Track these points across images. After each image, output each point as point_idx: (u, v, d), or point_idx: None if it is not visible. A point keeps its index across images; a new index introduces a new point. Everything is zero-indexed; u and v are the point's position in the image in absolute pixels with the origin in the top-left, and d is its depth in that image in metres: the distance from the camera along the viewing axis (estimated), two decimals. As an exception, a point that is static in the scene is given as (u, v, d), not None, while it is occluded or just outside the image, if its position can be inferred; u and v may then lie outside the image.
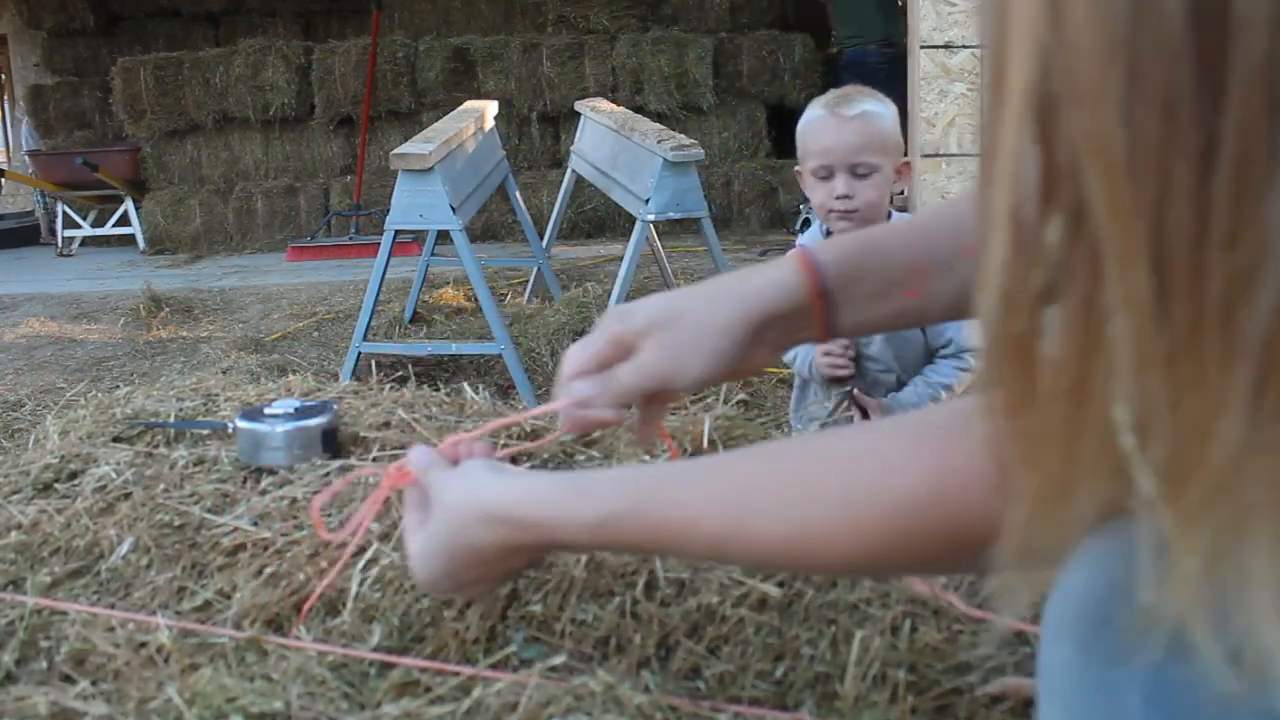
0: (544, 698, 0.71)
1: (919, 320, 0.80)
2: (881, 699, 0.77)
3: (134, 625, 0.87)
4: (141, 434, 1.31)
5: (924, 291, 0.74)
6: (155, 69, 7.85)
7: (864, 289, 0.75)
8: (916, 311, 0.77)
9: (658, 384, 0.76)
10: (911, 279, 0.74)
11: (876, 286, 0.75)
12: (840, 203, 1.90)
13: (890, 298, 0.75)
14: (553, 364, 3.48)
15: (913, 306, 0.75)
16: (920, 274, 0.74)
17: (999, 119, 0.37)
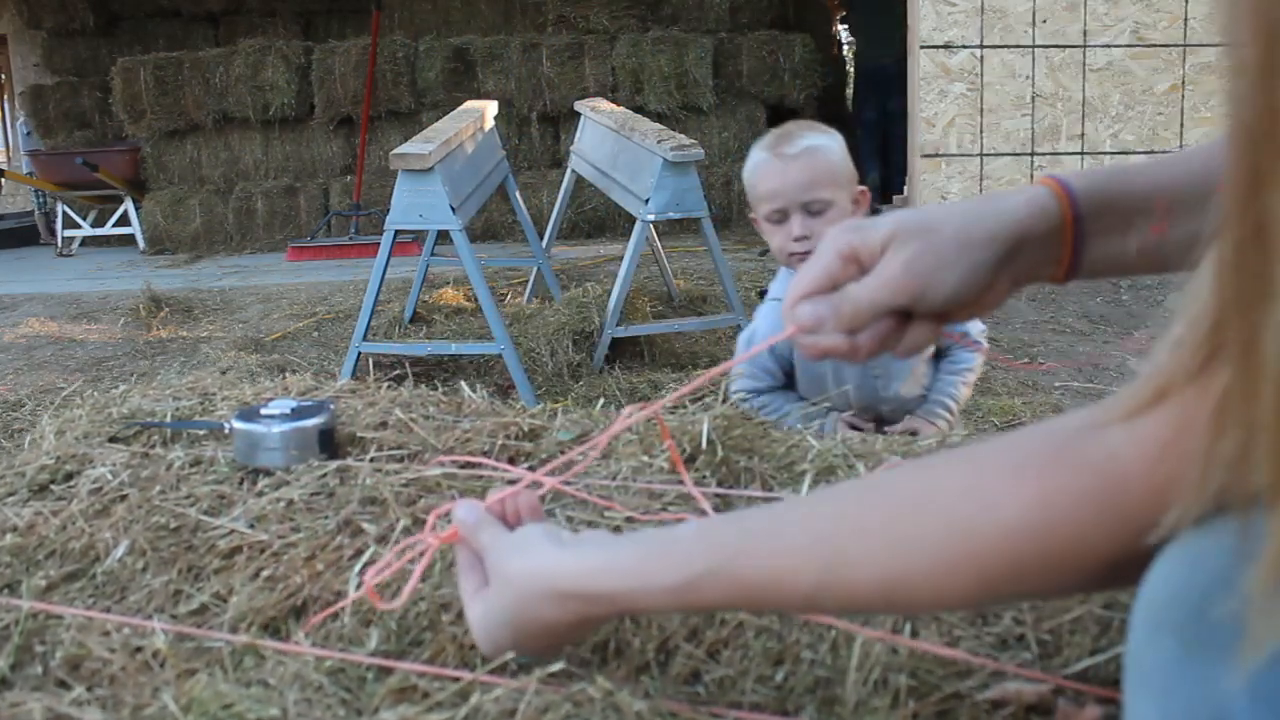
0: (542, 704, 0.70)
1: (1160, 264, 0.73)
2: (882, 704, 0.76)
3: (130, 629, 0.87)
4: (138, 434, 1.30)
5: (1171, 226, 0.70)
6: (155, 69, 7.85)
7: (1111, 219, 0.72)
8: (1158, 252, 0.72)
9: (904, 298, 0.69)
10: (1159, 211, 0.70)
11: (1124, 216, 0.71)
12: (799, 244, 1.83)
13: (1136, 230, 0.72)
14: (553, 364, 3.48)
15: (1156, 244, 0.71)
16: (1168, 207, 0.70)
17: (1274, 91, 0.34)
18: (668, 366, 3.57)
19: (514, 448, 1.20)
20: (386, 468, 1.14)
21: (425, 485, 1.10)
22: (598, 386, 3.29)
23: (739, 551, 0.64)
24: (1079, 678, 0.79)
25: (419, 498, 1.08)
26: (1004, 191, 0.74)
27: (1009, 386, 3.26)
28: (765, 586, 0.63)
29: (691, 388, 0.80)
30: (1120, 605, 0.83)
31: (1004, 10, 4.99)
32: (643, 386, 3.25)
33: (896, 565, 0.59)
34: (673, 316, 4.06)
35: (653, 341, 3.72)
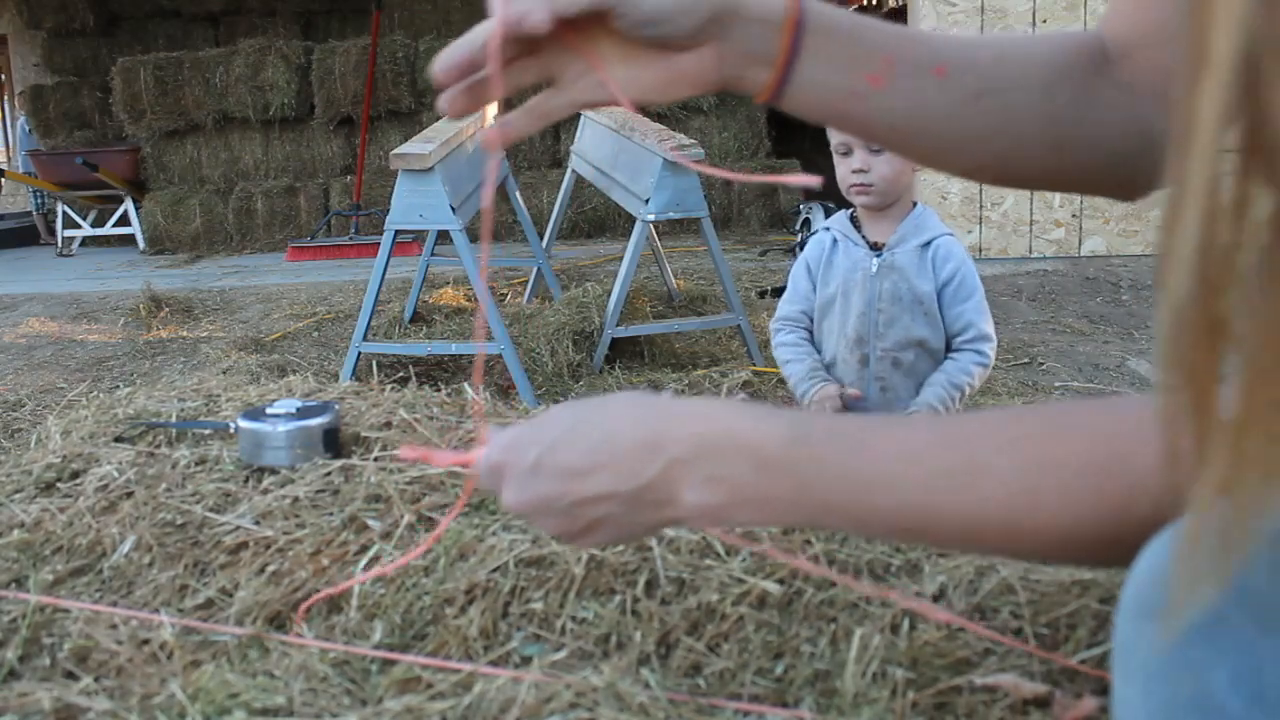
0: (545, 694, 0.71)
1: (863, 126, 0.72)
2: (881, 696, 0.77)
3: (137, 622, 0.88)
4: (143, 434, 1.31)
5: (888, 84, 0.69)
6: (155, 69, 7.86)
7: (833, 47, 0.70)
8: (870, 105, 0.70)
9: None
10: (881, 63, 0.69)
11: (847, 51, 0.70)
12: (857, 176, 1.98)
13: (851, 72, 0.70)
14: (553, 364, 3.49)
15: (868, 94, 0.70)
16: (890, 63, 0.69)
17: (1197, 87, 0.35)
18: (668, 366, 3.58)
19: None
20: (391, 466, 1.15)
21: (429, 484, 1.11)
22: (598, 386, 3.30)
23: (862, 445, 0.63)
24: (1076, 670, 0.80)
25: (423, 495, 1.09)
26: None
27: (1009, 387, 3.27)
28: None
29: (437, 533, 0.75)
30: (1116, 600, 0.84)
31: (1004, 10, 5.00)
32: (643, 386, 3.26)
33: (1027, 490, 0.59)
34: (673, 316, 4.07)
35: (653, 341, 3.73)
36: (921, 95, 0.70)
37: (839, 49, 0.70)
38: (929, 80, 0.70)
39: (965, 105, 0.70)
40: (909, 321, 2.03)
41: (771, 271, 5.48)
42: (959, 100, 0.70)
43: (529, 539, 0.94)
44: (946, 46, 0.72)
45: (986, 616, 0.89)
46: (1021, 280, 4.69)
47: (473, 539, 0.95)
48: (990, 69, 0.71)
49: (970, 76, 0.70)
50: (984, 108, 0.70)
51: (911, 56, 0.70)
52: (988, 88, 0.70)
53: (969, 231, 5.03)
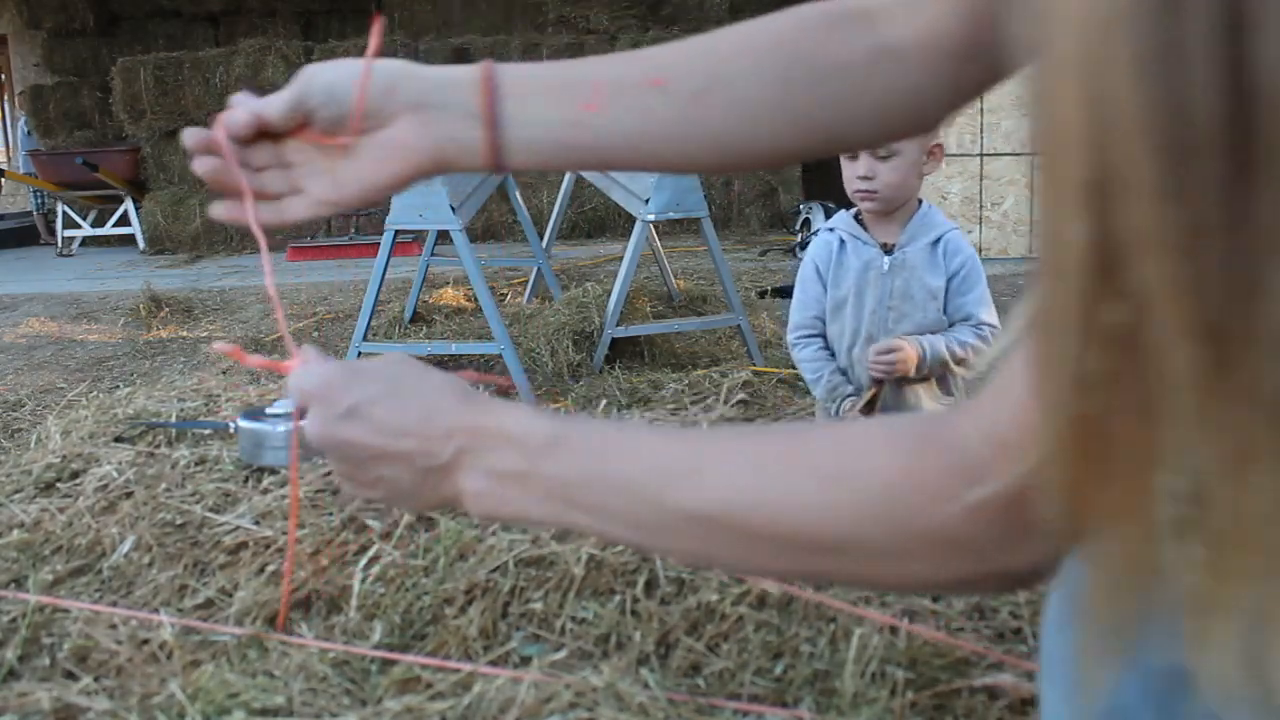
0: (544, 694, 0.71)
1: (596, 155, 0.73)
2: (880, 696, 0.77)
3: (136, 622, 0.88)
4: (143, 434, 1.31)
5: (604, 107, 0.70)
6: (155, 69, 7.86)
7: (537, 87, 0.71)
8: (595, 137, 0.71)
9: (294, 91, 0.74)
10: (589, 90, 0.70)
11: (552, 88, 0.71)
12: (862, 183, 2.00)
13: (562, 107, 0.70)
14: (553, 364, 3.49)
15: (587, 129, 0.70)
16: (599, 87, 0.70)
17: (1056, 209, 0.37)
18: (668, 366, 3.58)
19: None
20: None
21: (428, 482, 1.11)
22: (598, 386, 3.30)
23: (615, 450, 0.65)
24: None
25: (422, 494, 1.09)
26: None
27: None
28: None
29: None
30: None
31: (1003, 11, 5.00)
32: (643, 386, 3.26)
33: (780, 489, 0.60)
34: (673, 316, 4.07)
35: (653, 341, 3.73)
36: (644, 109, 0.70)
37: (543, 87, 0.71)
38: (649, 93, 0.70)
39: (690, 107, 0.70)
40: (920, 316, 2.07)
41: (771, 271, 5.48)
42: (683, 104, 0.70)
43: (529, 539, 0.94)
44: (667, 56, 0.72)
45: (986, 617, 0.89)
46: (1022, 280, 4.70)
47: (472, 539, 0.95)
48: (717, 65, 0.71)
49: (693, 79, 0.71)
50: (712, 105, 0.70)
51: (623, 76, 0.71)
52: (712, 84, 0.70)
53: (969, 231, 5.03)
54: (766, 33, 0.72)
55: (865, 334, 2.10)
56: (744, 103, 0.70)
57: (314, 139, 0.75)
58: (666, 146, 0.71)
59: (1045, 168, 0.37)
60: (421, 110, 0.71)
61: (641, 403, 3.03)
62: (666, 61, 0.71)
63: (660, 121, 0.70)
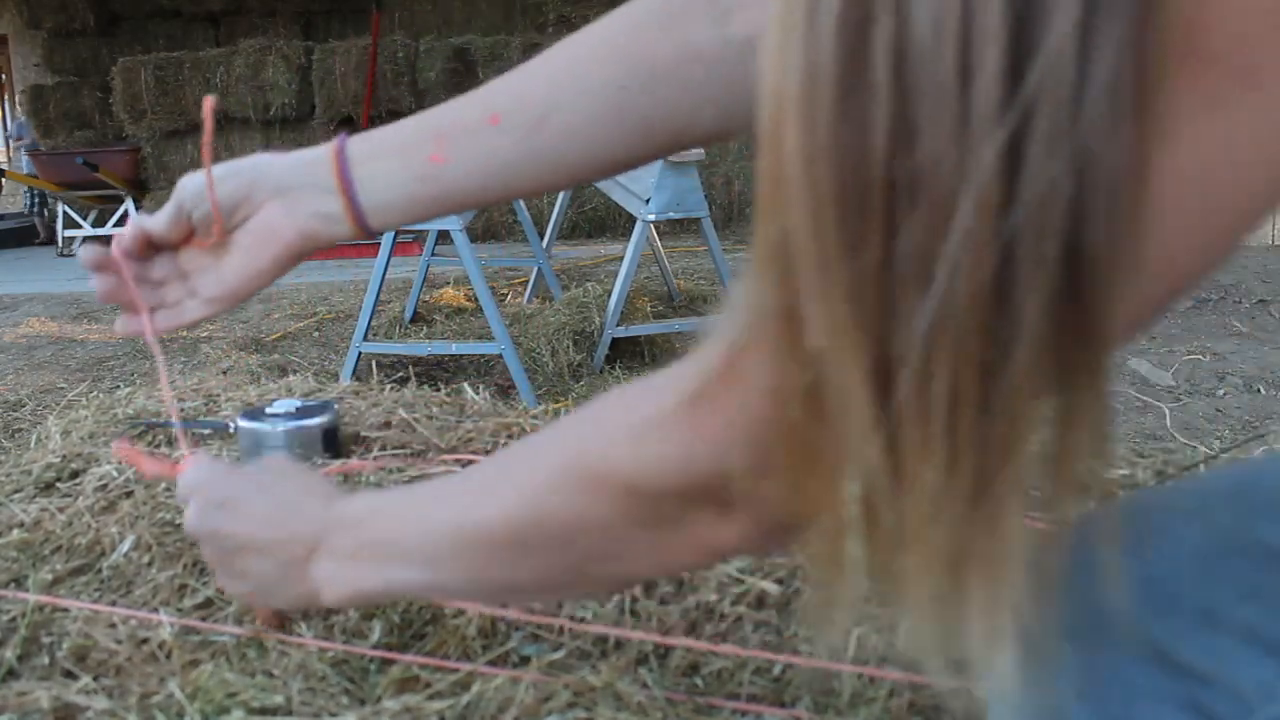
0: (543, 693, 0.71)
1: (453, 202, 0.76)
2: (878, 695, 0.77)
3: (135, 622, 0.88)
4: (143, 434, 1.32)
5: (449, 156, 0.72)
6: (155, 69, 7.87)
7: (383, 148, 0.74)
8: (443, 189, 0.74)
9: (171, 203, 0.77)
10: (433, 142, 0.72)
11: (396, 147, 0.73)
12: None
13: (414, 162, 0.73)
14: (553, 364, 3.49)
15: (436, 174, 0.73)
16: (441, 137, 0.72)
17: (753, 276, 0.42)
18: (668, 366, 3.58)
19: (515, 445, 1.21)
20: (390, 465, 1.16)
21: (427, 482, 1.11)
22: (598, 386, 3.30)
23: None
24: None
25: (421, 494, 1.09)
26: None
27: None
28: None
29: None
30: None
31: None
32: (642, 386, 3.25)
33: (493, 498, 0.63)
34: (673, 316, 4.07)
35: (653, 341, 3.73)
36: (486, 149, 0.72)
37: (390, 148, 0.74)
38: (487, 133, 0.72)
39: (530, 137, 0.71)
40: None
41: (771, 271, 5.48)
42: (522, 135, 0.71)
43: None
44: (502, 91, 0.74)
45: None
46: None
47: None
48: (550, 90, 0.72)
49: (529, 109, 0.72)
50: (548, 130, 0.71)
51: (461, 121, 0.73)
52: (547, 112, 0.72)
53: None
54: (599, 42, 0.73)
55: None
56: (582, 122, 0.71)
57: (199, 244, 0.79)
58: (514, 179, 0.73)
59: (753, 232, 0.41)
60: (284, 194, 0.76)
61: (641, 403, 3.03)
62: (501, 97, 0.73)
63: (503, 157, 0.72)
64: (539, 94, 0.72)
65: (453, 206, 0.76)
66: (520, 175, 0.73)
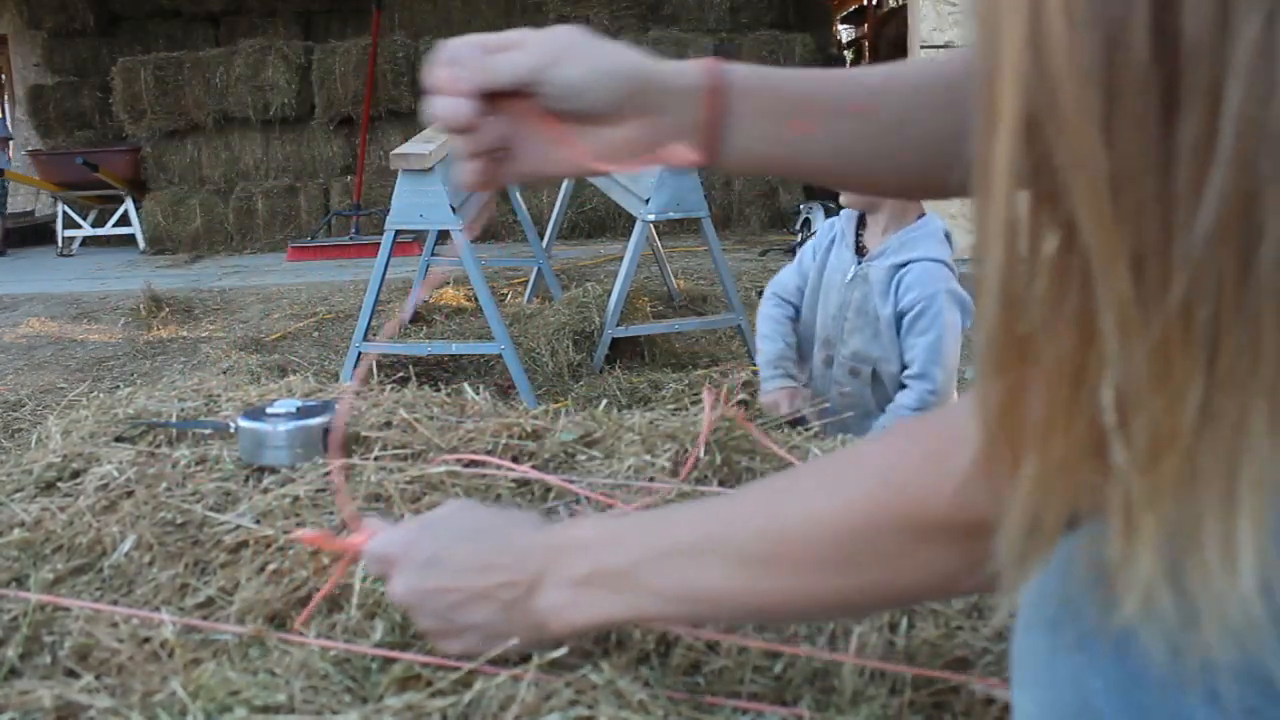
0: (544, 691, 0.71)
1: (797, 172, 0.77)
2: (879, 694, 0.78)
3: (137, 621, 0.88)
4: (144, 434, 1.32)
5: (816, 128, 0.73)
6: (155, 69, 7.87)
7: (756, 103, 0.73)
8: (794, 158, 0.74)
9: (526, 69, 0.71)
10: (801, 111, 0.73)
11: (768, 104, 0.73)
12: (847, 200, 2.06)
13: (779, 124, 0.73)
14: (553, 364, 3.49)
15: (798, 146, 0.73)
16: (809, 110, 0.73)
17: (992, 142, 0.40)
18: (668, 366, 3.58)
19: (517, 447, 1.21)
20: (391, 465, 1.16)
21: (430, 483, 1.11)
22: (598, 386, 3.30)
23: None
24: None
25: (423, 495, 1.09)
26: None
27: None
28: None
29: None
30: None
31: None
32: (643, 386, 3.26)
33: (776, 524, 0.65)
34: (673, 316, 4.07)
35: (653, 341, 3.73)
36: (849, 133, 0.73)
37: (761, 104, 0.73)
38: (855, 118, 0.73)
39: (887, 137, 0.73)
40: (868, 337, 2.03)
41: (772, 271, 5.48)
42: (882, 133, 0.73)
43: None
44: (865, 83, 0.75)
45: (985, 616, 0.89)
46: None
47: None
48: (911, 98, 0.74)
49: (893, 109, 0.73)
50: (905, 135, 0.73)
51: (832, 97, 0.73)
52: (906, 118, 0.73)
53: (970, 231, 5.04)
54: (942, 73, 0.75)
55: (823, 336, 2.09)
56: (929, 139, 0.73)
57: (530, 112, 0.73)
58: (857, 171, 0.75)
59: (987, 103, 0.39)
60: (651, 114, 0.73)
61: (642, 402, 3.03)
62: (875, 87, 0.74)
63: (858, 147, 0.73)
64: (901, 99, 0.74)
65: (795, 175, 0.77)
66: (862, 170, 0.75)
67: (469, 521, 0.77)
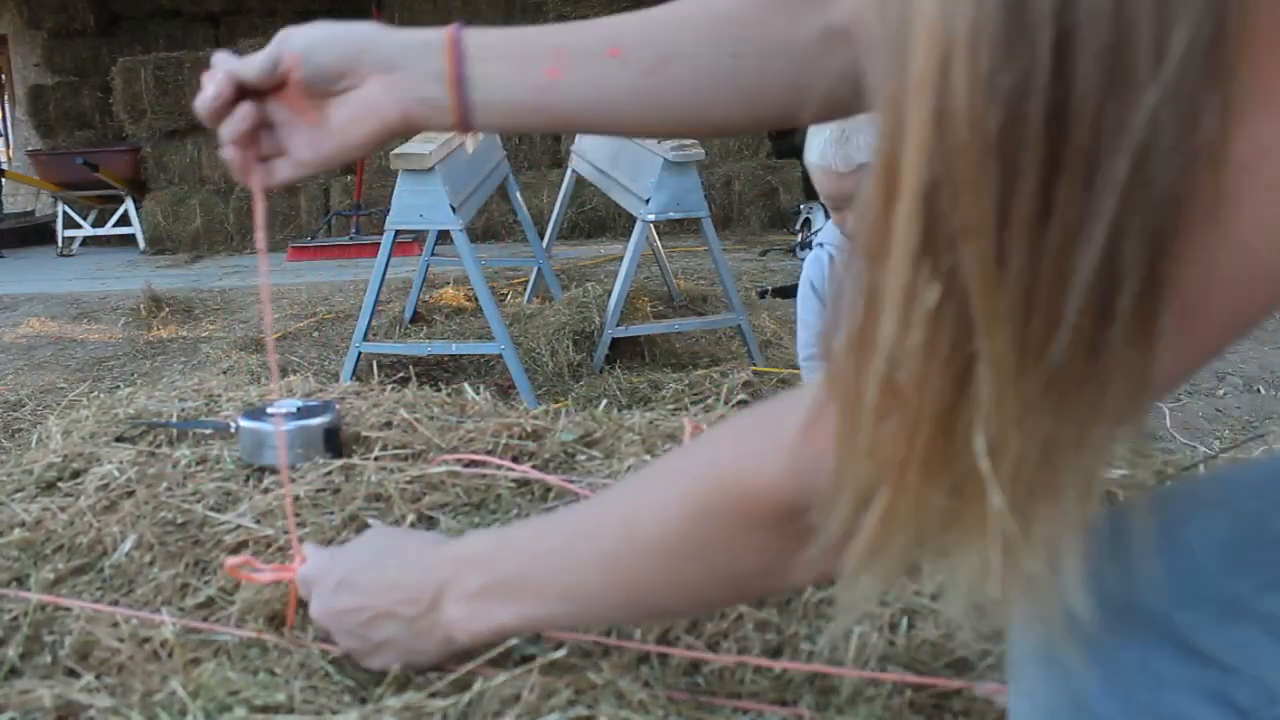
0: (544, 691, 0.72)
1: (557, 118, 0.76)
2: (879, 694, 0.78)
3: (137, 621, 0.88)
4: (144, 434, 1.32)
5: (566, 74, 0.73)
6: (155, 69, 7.86)
7: (501, 51, 0.74)
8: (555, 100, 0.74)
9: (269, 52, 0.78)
10: (551, 57, 0.73)
11: (516, 52, 0.74)
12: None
13: (530, 71, 0.73)
14: (553, 364, 3.49)
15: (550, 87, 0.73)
16: (561, 54, 0.73)
17: (892, 210, 0.41)
18: (668, 366, 3.58)
19: (517, 447, 1.21)
20: (391, 465, 1.16)
21: (430, 483, 1.11)
22: (598, 386, 3.30)
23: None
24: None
25: (423, 495, 1.10)
26: None
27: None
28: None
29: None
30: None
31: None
32: (643, 386, 3.26)
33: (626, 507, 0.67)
34: (673, 316, 4.07)
35: (653, 341, 3.73)
36: (603, 78, 0.73)
37: (508, 50, 0.74)
38: (607, 62, 0.73)
39: (646, 78, 0.73)
40: None
41: (771, 271, 5.48)
42: (639, 74, 0.73)
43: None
44: (625, 26, 0.75)
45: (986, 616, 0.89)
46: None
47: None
48: (672, 38, 0.73)
49: (649, 50, 0.73)
50: (665, 78, 0.73)
51: (584, 43, 0.74)
52: (667, 56, 0.73)
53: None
54: (717, 6, 0.74)
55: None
56: (695, 77, 0.73)
57: (291, 100, 0.78)
58: (620, 114, 0.74)
59: (887, 175, 0.41)
60: (391, 71, 0.74)
61: (642, 402, 3.03)
62: (625, 32, 0.74)
63: (616, 90, 0.73)
64: (663, 38, 0.73)
65: (554, 124, 0.76)
66: (626, 112, 0.74)
67: (379, 544, 0.81)
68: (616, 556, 0.66)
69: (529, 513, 1.07)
